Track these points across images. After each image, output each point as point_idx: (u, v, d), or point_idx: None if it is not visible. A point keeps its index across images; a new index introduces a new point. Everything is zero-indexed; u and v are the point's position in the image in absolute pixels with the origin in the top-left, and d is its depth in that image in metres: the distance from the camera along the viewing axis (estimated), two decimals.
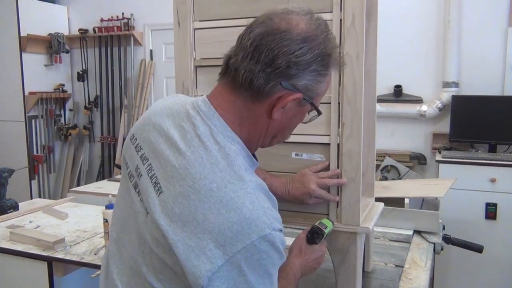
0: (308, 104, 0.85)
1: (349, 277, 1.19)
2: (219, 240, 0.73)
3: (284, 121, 0.86)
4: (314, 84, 0.82)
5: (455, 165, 3.06)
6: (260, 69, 0.78)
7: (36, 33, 4.24)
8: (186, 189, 0.77)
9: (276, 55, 0.77)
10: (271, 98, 0.81)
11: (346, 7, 1.12)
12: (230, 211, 0.74)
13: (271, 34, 0.78)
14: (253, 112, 0.83)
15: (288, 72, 0.78)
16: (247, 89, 0.80)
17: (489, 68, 3.34)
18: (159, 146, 0.83)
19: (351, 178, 1.16)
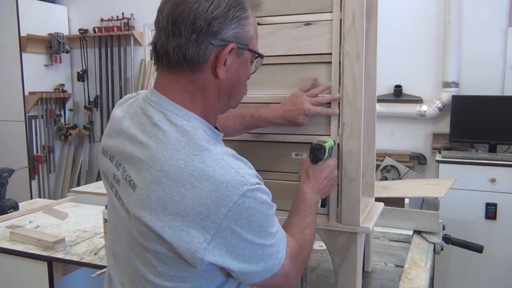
0: (246, 51, 0.86)
1: (349, 277, 1.19)
2: (202, 212, 0.74)
3: (232, 77, 0.86)
4: (241, 29, 0.83)
5: (455, 165, 3.06)
6: (186, 39, 0.79)
7: (36, 33, 4.24)
8: (156, 175, 0.77)
9: (193, 19, 0.78)
10: (209, 61, 0.82)
11: (346, 7, 1.12)
12: (203, 182, 0.75)
13: (180, 4, 0.79)
14: (199, 82, 0.84)
15: (211, 30, 0.79)
16: (184, 64, 0.81)
17: (489, 68, 3.33)
18: (125, 147, 0.84)
19: (351, 178, 1.16)
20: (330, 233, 1.20)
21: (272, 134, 1.25)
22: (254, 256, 0.80)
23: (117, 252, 0.91)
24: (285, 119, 1.17)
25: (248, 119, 1.19)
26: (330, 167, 1.10)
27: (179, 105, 0.83)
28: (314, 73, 1.19)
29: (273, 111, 1.18)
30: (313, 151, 1.08)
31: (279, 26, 1.21)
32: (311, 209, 1.03)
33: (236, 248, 0.77)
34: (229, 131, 1.19)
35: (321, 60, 1.18)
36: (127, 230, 0.83)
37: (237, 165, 0.79)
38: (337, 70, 1.15)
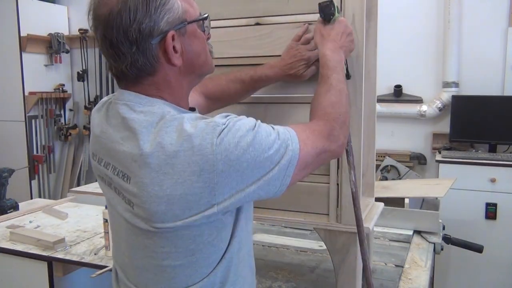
0: (188, 26, 0.86)
1: (349, 277, 1.19)
2: (196, 169, 0.76)
3: (189, 55, 0.87)
4: (169, 14, 0.82)
5: (455, 165, 3.06)
6: (130, 55, 0.81)
7: (36, 33, 4.24)
8: (141, 160, 0.79)
9: (124, 35, 0.80)
10: (159, 58, 0.83)
11: (346, 7, 1.12)
12: (182, 144, 0.77)
13: (106, 27, 0.81)
14: (162, 79, 0.85)
15: (145, 34, 0.80)
16: (143, 73, 0.84)
17: (489, 68, 3.33)
18: (109, 146, 0.87)
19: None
20: (330, 233, 1.20)
21: None
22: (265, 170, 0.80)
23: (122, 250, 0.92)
24: (286, 74, 1.14)
25: (249, 81, 1.17)
26: (344, 22, 1.06)
27: (139, 94, 0.85)
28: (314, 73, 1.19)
29: (272, 68, 1.15)
30: (323, 9, 1.04)
31: (279, 26, 1.21)
32: (334, 69, 1.00)
33: (245, 175, 0.78)
34: (232, 97, 1.20)
35: None
36: (131, 223, 0.84)
37: (204, 117, 0.83)
38: None
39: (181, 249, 0.82)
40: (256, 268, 1.46)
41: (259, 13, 1.23)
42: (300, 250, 1.63)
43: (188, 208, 0.78)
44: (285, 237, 1.76)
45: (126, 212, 0.85)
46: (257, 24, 1.23)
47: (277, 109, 1.24)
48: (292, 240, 1.73)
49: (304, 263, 1.51)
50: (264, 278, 1.39)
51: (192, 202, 0.77)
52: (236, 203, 0.81)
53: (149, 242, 0.83)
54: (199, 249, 0.83)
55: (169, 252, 0.82)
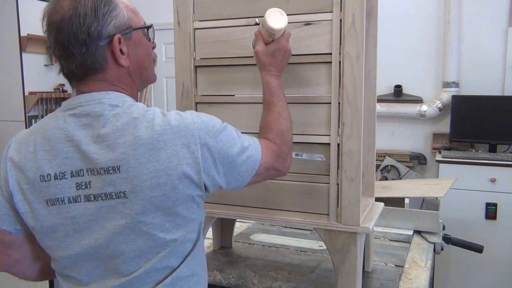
0: (133, 32, 0.95)
1: (349, 277, 1.19)
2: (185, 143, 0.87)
3: (135, 59, 0.96)
4: (116, 20, 0.91)
5: (455, 165, 3.06)
6: (80, 55, 0.89)
7: (36, 33, 4.23)
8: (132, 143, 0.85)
9: (75, 37, 0.88)
10: (108, 59, 0.91)
11: (346, 7, 1.12)
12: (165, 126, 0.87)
13: (58, 30, 0.89)
14: (112, 77, 0.93)
15: (93, 36, 0.88)
16: (91, 71, 0.91)
17: (489, 68, 3.34)
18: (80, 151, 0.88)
19: (351, 178, 1.16)
20: (330, 233, 1.20)
21: None
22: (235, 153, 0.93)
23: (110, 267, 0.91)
24: None
25: None
26: (282, 43, 1.11)
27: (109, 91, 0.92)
28: (314, 73, 1.19)
29: None
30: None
31: None
32: (279, 96, 1.11)
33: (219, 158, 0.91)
34: None
35: (321, 60, 1.18)
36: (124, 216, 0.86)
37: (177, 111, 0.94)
38: (337, 70, 1.15)
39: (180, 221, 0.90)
40: (256, 268, 1.46)
41: (259, 13, 1.23)
42: (300, 250, 1.63)
43: (185, 177, 0.86)
44: (285, 237, 1.76)
45: (118, 206, 0.85)
46: (257, 24, 1.23)
47: None
48: (292, 240, 1.73)
49: (304, 263, 1.51)
50: (264, 278, 1.39)
51: (187, 172, 0.86)
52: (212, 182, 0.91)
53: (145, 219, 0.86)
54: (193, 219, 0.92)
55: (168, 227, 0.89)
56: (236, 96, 1.30)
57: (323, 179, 1.21)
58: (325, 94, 1.18)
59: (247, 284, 1.36)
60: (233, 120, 1.29)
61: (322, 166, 1.21)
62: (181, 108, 1.34)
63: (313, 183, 1.22)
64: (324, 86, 1.19)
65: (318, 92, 1.19)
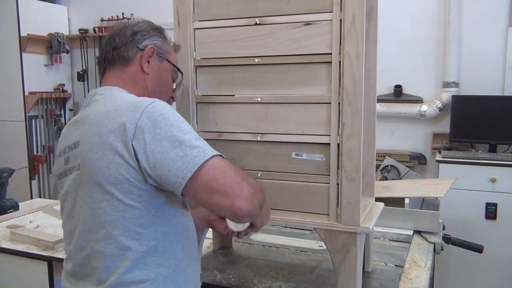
0: (165, 61, 1.16)
1: (349, 277, 1.19)
2: (124, 121, 0.92)
3: (155, 75, 1.14)
4: (159, 41, 1.15)
5: (455, 165, 3.05)
6: (119, 44, 1.11)
7: (36, 33, 4.24)
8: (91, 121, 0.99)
9: (124, 32, 1.12)
10: (135, 58, 1.11)
11: (346, 7, 1.12)
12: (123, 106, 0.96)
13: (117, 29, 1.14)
14: (131, 73, 1.11)
15: (136, 38, 1.12)
16: (118, 59, 1.11)
17: (489, 68, 3.33)
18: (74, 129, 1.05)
19: (351, 178, 1.16)
20: (330, 233, 1.20)
21: (272, 134, 1.25)
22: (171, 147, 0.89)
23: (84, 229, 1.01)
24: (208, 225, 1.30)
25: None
26: None
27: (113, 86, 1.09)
28: (314, 73, 1.19)
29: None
30: None
31: (279, 26, 1.21)
32: None
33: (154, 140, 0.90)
34: None
35: (321, 60, 1.18)
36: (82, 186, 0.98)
37: None
38: (337, 70, 1.15)
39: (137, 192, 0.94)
40: (256, 268, 1.46)
41: (259, 13, 1.23)
42: (300, 250, 1.63)
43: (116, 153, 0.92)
44: (285, 237, 1.76)
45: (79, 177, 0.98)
46: (257, 24, 1.24)
47: (277, 109, 1.24)
48: (292, 240, 1.73)
49: (304, 263, 1.51)
50: (264, 278, 1.39)
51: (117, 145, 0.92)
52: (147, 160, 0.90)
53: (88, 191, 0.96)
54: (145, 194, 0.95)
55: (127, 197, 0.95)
56: (236, 96, 1.30)
57: (323, 179, 1.21)
58: (325, 94, 1.18)
59: (247, 284, 1.36)
60: (233, 120, 1.29)
61: (322, 166, 1.21)
62: (181, 108, 1.34)
63: (313, 183, 1.22)
64: (324, 86, 1.19)
65: (318, 92, 1.19)
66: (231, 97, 1.30)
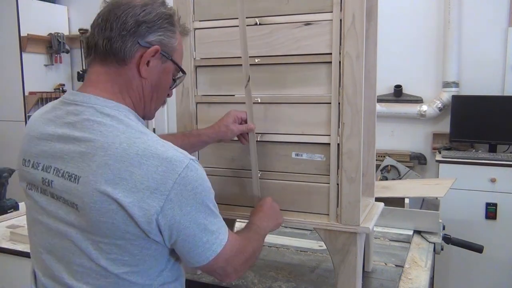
0: (169, 61, 0.95)
1: (349, 277, 1.19)
2: (152, 186, 0.80)
3: (154, 80, 0.94)
4: (166, 38, 0.92)
5: (455, 165, 3.05)
6: (115, 34, 0.88)
7: (36, 33, 4.24)
8: (101, 160, 0.81)
9: (125, 19, 0.88)
10: (134, 58, 0.90)
11: (346, 7, 1.12)
12: (149, 159, 0.81)
13: (116, 7, 0.89)
14: (125, 76, 0.91)
15: (139, 31, 0.88)
16: (111, 55, 0.89)
17: (489, 68, 3.33)
18: (55, 148, 0.87)
19: (351, 178, 1.16)
20: (330, 233, 1.20)
21: (272, 134, 1.25)
22: (198, 230, 0.86)
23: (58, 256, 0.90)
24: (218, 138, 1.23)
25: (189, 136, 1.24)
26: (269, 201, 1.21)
27: (107, 98, 0.89)
28: (314, 73, 1.19)
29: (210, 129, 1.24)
30: None
31: (279, 26, 1.21)
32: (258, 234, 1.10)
33: (182, 221, 0.83)
34: None
35: (321, 60, 1.18)
36: (75, 226, 0.85)
37: (173, 145, 0.87)
38: (337, 70, 1.15)
39: (127, 258, 0.85)
40: (256, 268, 1.46)
41: (259, 13, 1.23)
42: (300, 250, 1.63)
43: (134, 213, 0.80)
44: (285, 237, 1.76)
45: (69, 215, 0.85)
46: (257, 24, 1.24)
47: (277, 109, 1.24)
48: (292, 240, 1.73)
49: (304, 263, 1.51)
50: (264, 278, 1.39)
51: (137, 211, 0.80)
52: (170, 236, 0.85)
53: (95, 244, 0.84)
54: (143, 260, 0.87)
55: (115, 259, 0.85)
56: (236, 96, 1.30)
57: (323, 179, 1.21)
58: (325, 94, 1.18)
59: (247, 284, 1.36)
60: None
61: (322, 166, 1.21)
62: (181, 108, 1.34)
63: (313, 183, 1.22)
64: (324, 86, 1.19)
65: (318, 92, 1.19)
66: (231, 97, 1.30)
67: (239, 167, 1.31)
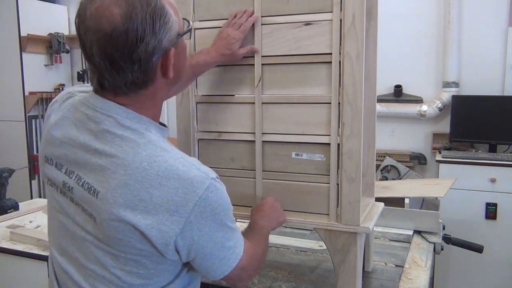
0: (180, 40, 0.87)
1: (349, 277, 1.19)
2: (171, 208, 0.79)
3: (179, 66, 0.89)
4: (170, 32, 0.82)
5: (455, 165, 3.05)
6: (131, 72, 0.80)
7: (36, 33, 4.24)
8: (121, 179, 0.80)
9: (129, 54, 0.78)
10: (156, 73, 0.84)
11: (346, 7, 1.12)
12: (170, 180, 0.79)
13: (108, 43, 0.77)
14: (152, 91, 0.86)
15: (149, 52, 0.79)
16: (138, 89, 0.83)
17: (489, 68, 3.33)
18: (77, 156, 0.85)
19: (351, 178, 1.16)
20: (330, 233, 1.20)
21: (272, 134, 1.25)
22: (215, 249, 0.86)
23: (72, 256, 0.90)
24: (222, 54, 1.20)
25: (187, 69, 1.17)
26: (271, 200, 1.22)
27: (128, 108, 0.84)
28: (314, 73, 1.19)
29: (208, 53, 1.21)
30: None
31: (279, 26, 1.21)
32: (261, 233, 1.11)
33: (201, 241, 0.83)
34: None
35: (321, 60, 1.18)
36: (92, 235, 0.84)
37: (195, 161, 0.85)
38: (337, 70, 1.15)
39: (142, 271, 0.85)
40: None
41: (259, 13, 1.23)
42: (300, 250, 1.63)
43: (151, 236, 0.79)
44: (285, 237, 1.76)
45: (87, 224, 0.85)
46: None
47: (277, 109, 1.24)
48: (292, 240, 1.73)
49: (304, 263, 1.51)
50: (264, 278, 1.39)
51: (155, 234, 0.79)
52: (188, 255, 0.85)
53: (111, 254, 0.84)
54: (158, 274, 0.86)
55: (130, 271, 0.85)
56: (236, 96, 1.30)
57: (323, 179, 1.21)
58: (325, 94, 1.18)
59: (247, 284, 1.36)
60: (233, 120, 1.29)
61: (322, 166, 1.21)
62: (181, 108, 1.34)
63: (313, 183, 1.22)
64: (324, 86, 1.19)
65: (318, 92, 1.19)
66: (231, 97, 1.30)
67: (239, 167, 1.31)
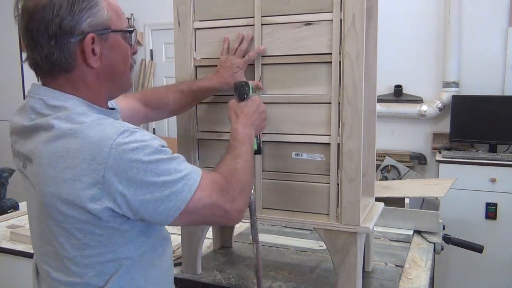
0: (111, 34, 0.88)
1: (349, 277, 1.19)
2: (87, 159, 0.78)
3: (107, 62, 0.89)
4: (93, 18, 0.84)
5: (455, 165, 3.06)
6: (47, 48, 0.83)
7: None
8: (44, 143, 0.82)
9: (45, 28, 0.82)
10: (77, 57, 0.85)
11: (346, 7, 1.12)
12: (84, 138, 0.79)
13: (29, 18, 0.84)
14: (77, 78, 0.87)
15: (65, 30, 0.82)
16: (56, 68, 0.85)
17: (489, 68, 3.34)
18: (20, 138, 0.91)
19: (351, 178, 1.16)
20: (330, 233, 1.20)
21: (272, 134, 1.25)
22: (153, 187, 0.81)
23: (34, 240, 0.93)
24: (225, 83, 1.24)
25: (187, 92, 1.25)
26: (257, 101, 1.15)
27: (59, 91, 0.87)
28: (314, 73, 1.19)
29: (211, 80, 1.25)
30: (238, 88, 1.14)
31: (279, 26, 1.21)
32: (243, 142, 1.05)
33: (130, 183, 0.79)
34: (170, 106, 1.26)
35: (321, 60, 1.18)
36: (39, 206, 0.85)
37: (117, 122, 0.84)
38: (337, 70, 1.15)
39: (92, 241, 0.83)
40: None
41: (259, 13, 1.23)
42: (300, 250, 1.63)
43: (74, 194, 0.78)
44: (285, 237, 1.76)
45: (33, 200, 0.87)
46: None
47: (277, 109, 1.24)
48: (292, 240, 1.73)
49: (304, 263, 1.51)
50: (264, 278, 1.39)
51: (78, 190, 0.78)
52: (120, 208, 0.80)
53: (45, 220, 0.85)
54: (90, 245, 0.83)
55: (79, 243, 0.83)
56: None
57: (323, 179, 1.21)
58: (325, 94, 1.18)
59: (247, 284, 1.36)
60: None
61: (322, 166, 1.21)
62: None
63: (313, 183, 1.22)
64: (324, 86, 1.19)
65: (318, 92, 1.19)
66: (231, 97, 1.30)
67: None
